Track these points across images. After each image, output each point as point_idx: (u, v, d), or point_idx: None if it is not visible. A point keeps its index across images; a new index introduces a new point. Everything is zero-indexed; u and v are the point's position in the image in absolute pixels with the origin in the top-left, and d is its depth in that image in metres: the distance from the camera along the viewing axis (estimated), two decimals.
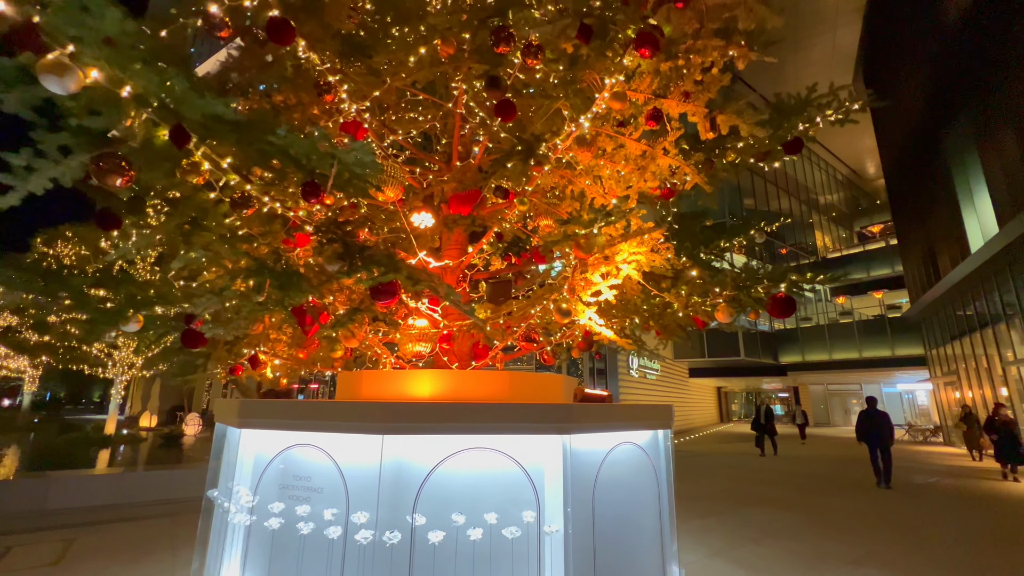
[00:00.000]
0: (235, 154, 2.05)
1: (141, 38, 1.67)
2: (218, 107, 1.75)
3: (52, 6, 1.61)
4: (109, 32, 1.57)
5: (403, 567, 2.22)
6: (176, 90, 1.77)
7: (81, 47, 1.69)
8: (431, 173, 4.01)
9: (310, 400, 3.01)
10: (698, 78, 2.56)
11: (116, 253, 2.40)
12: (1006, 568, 4.83)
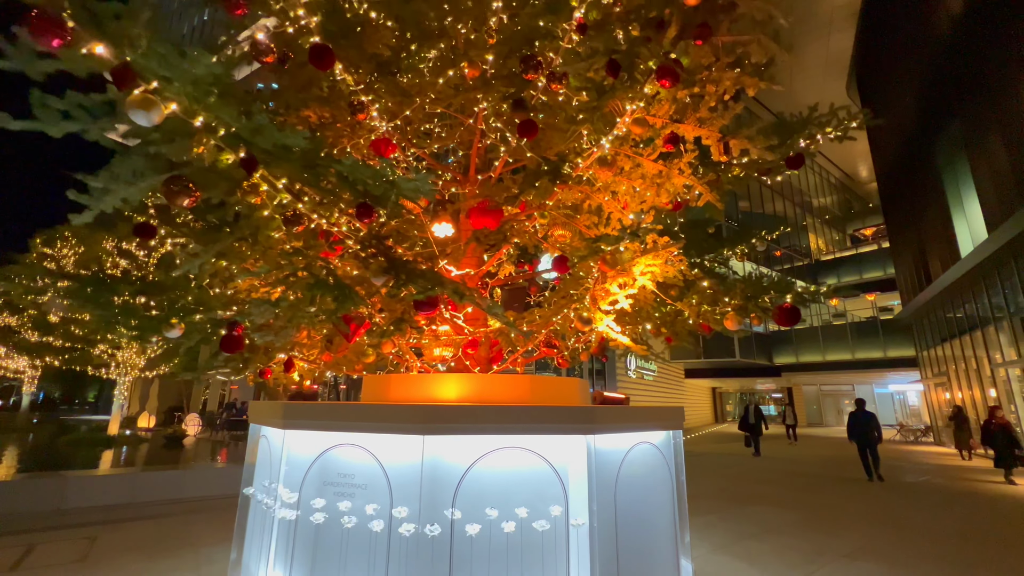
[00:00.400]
0: (289, 175, 2.22)
1: (218, 75, 1.85)
2: (292, 139, 1.93)
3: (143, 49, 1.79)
4: (199, 74, 1.75)
5: (444, 557, 2.41)
6: (250, 122, 1.94)
7: (166, 85, 1.87)
8: (453, 185, 4.20)
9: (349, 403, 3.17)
10: (712, 104, 2.77)
11: (183, 268, 2.55)
12: (994, 562, 5.08)
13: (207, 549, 5.22)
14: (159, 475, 7.55)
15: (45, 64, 1.86)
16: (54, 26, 1.63)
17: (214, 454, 12.10)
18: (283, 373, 4.13)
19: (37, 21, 1.60)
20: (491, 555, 2.50)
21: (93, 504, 6.86)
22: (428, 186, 1.98)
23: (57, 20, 1.62)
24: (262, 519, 3.02)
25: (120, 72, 1.72)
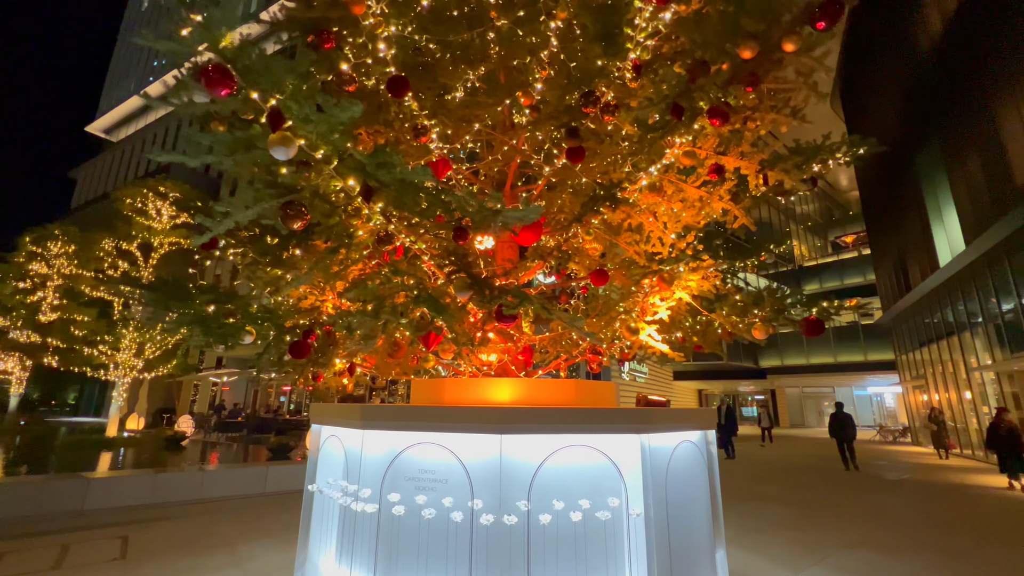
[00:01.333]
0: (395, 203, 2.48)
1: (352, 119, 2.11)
2: (416, 175, 2.19)
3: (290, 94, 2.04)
4: (339, 119, 2.01)
5: (521, 544, 2.69)
6: (374, 157, 2.20)
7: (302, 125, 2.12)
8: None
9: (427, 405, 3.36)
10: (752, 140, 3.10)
11: (292, 282, 2.78)
12: (975, 548, 5.55)
13: (243, 547, 5.38)
14: (180, 476, 7.64)
15: (198, 106, 2.10)
16: (226, 78, 1.87)
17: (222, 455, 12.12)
18: (331, 377, 4.37)
19: (213, 74, 1.84)
20: (559, 542, 2.79)
21: (115, 505, 6.93)
22: (535, 215, 2.26)
23: (228, 74, 1.87)
24: (336, 513, 3.25)
25: (274, 115, 1.97)
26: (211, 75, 1.85)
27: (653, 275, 3.10)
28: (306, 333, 3.37)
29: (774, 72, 2.75)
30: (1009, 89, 10.80)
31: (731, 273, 4.81)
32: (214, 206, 2.39)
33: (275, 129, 1.97)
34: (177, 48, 1.88)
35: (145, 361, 14.18)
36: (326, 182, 2.45)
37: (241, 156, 2.24)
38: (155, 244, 14.54)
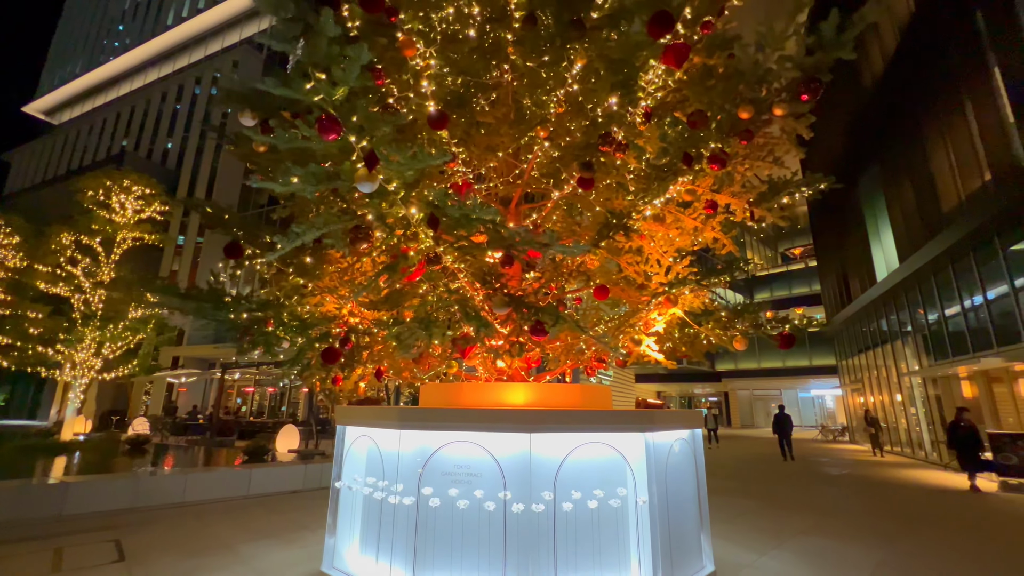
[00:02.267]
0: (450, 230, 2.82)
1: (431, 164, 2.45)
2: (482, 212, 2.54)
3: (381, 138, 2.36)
4: (423, 165, 2.35)
5: (548, 528, 3.09)
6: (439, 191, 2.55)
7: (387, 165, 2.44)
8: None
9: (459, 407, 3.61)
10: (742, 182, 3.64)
11: (352, 295, 3.05)
12: (905, 532, 6.40)
13: (244, 547, 5.47)
14: (163, 479, 7.53)
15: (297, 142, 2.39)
16: (335, 126, 2.17)
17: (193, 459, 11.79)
18: (346, 382, 4.62)
19: (326, 122, 2.14)
20: (578, 527, 3.21)
21: (95, 510, 6.79)
22: (582, 251, 2.66)
23: (337, 122, 2.17)
24: (362, 507, 3.54)
25: (370, 157, 2.29)
26: (324, 123, 2.15)
27: (661, 295, 3.58)
28: (343, 341, 3.63)
29: (764, 129, 3.29)
30: (938, 126, 12.18)
31: (715, 291, 5.41)
32: (293, 228, 2.66)
33: (371, 168, 2.29)
34: (295, 96, 2.17)
35: (104, 361, 13.57)
36: (390, 210, 2.76)
37: (324, 185, 2.53)
38: (118, 239, 13.94)
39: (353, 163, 2.36)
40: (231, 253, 4.09)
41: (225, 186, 27.68)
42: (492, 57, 3.61)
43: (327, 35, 2.05)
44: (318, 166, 2.41)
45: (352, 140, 2.28)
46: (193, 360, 24.80)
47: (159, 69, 37.81)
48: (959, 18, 10.85)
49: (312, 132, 2.19)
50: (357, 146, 2.33)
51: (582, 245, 2.60)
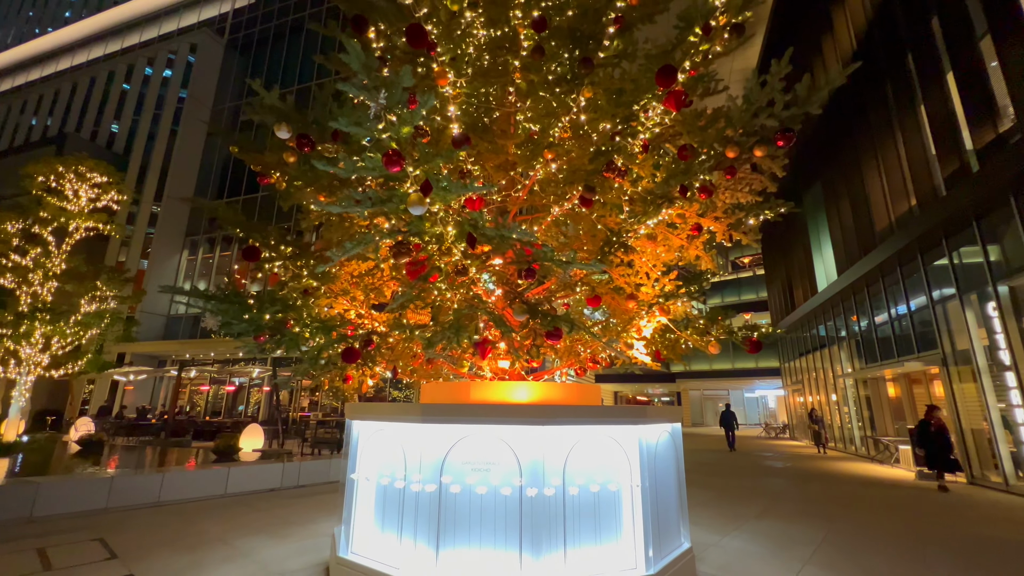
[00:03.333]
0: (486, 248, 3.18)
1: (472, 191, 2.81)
2: (513, 232, 2.92)
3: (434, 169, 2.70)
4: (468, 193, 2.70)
5: (559, 508, 3.51)
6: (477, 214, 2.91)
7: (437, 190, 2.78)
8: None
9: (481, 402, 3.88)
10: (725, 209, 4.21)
11: (395, 303, 3.34)
12: (843, 514, 7.29)
13: (239, 542, 5.56)
14: (138, 479, 7.36)
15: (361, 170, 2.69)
16: (399, 160, 2.49)
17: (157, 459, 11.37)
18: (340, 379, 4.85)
19: (392, 157, 2.46)
20: (582, 508, 3.65)
21: (68, 511, 6.60)
22: (597, 268, 3.08)
23: (401, 156, 2.50)
24: (391, 497, 3.84)
25: (426, 185, 2.62)
26: (391, 157, 2.46)
27: (655, 306, 4.09)
28: (365, 342, 3.91)
29: (745, 166, 3.86)
30: (874, 154, 13.59)
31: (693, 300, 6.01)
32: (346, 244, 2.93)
33: (426, 194, 2.63)
34: (365, 133, 2.47)
35: (52, 357, 12.82)
36: (430, 228, 3.10)
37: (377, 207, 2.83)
38: (70, 228, 13.20)
39: (407, 189, 2.68)
40: (249, 256, 4.27)
41: (180, 175, 26.40)
42: (506, 83, 4.00)
43: (403, 85, 2.37)
44: (374, 190, 2.71)
45: (409, 170, 2.60)
46: (142, 357, 23.53)
47: (105, 45, 35.34)
48: (894, 58, 12.19)
49: (377, 161, 2.49)
50: (412, 175, 2.65)
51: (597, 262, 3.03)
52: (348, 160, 2.54)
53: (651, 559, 3.75)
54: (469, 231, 2.94)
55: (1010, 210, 8.75)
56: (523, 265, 3.24)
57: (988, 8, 8.75)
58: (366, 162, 2.48)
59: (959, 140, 9.68)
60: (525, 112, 4.42)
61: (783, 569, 4.76)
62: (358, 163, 2.50)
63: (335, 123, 2.42)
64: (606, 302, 4.94)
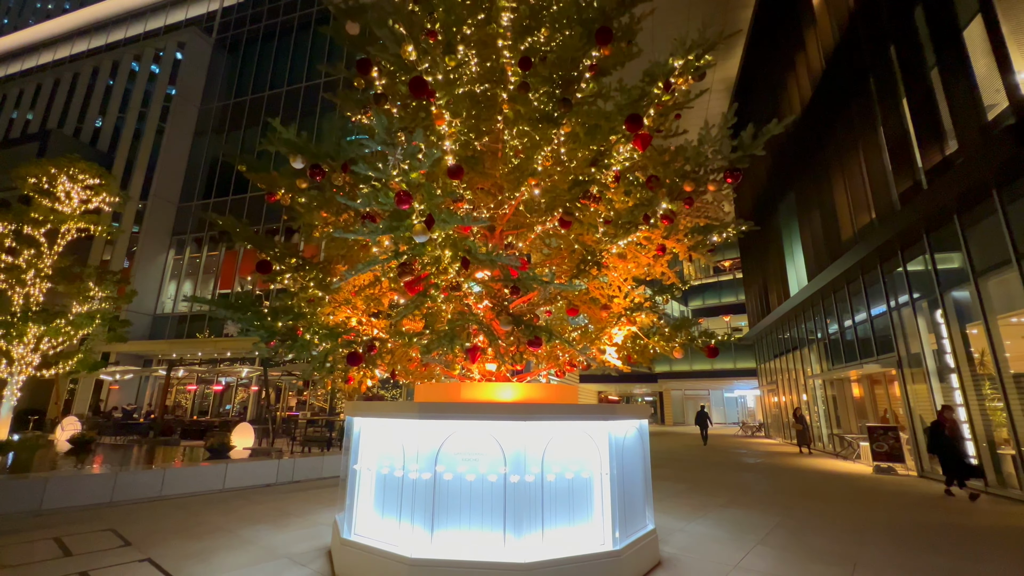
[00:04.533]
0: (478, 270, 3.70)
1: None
2: (502, 259, 3.45)
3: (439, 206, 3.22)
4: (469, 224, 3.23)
5: (538, 493, 4.05)
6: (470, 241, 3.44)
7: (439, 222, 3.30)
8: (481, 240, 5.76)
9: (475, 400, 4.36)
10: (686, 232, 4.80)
11: (399, 314, 3.84)
12: (800, 503, 7.99)
13: (244, 531, 5.99)
14: (141, 475, 7.72)
15: (375, 205, 3.20)
16: (409, 198, 3.01)
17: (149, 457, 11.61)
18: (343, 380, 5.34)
19: (403, 196, 2.98)
20: (558, 493, 4.20)
21: (75, 504, 6.94)
22: (577, 288, 3.63)
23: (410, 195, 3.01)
24: (391, 484, 4.35)
25: (429, 219, 3.15)
26: (401, 196, 2.98)
27: (624, 317, 4.67)
28: (368, 347, 4.41)
29: (701, 196, 4.46)
30: (840, 168, 14.44)
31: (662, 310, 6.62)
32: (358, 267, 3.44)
33: (429, 227, 3.15)
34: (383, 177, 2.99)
35: (43, 357, 12.97)
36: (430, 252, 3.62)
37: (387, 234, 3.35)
38: (62, 230, 13.36)
39: (412, 220, 3.20)
40: (262, 269, 4.73)
41: (166, 174, 26.34)
42: (494, 113, 4.53)
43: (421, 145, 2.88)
44: (387, 221, 3.22)
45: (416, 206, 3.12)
46: (128, 356, 23.47)
47: (89, 40, 34.87)
48: (858, 79, 13.02)
49: (390, 199, 3.00)
50: (417, 210, 3.17)
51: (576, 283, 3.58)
52: (365, 196, 3.04)
53: (617, 539, 4.33)
54: (464, 255, 3.47)
55: (954, 227, 9.57)
56: (509, 283, 3.78)
57: (936, 42, 9.56)
58: (382, 199, 2.98)
59: (913, 160, 10.50)
60: (511, 142, 4.96)
61: (737, 548, 5.39)
62: (374, 200, 3.00)
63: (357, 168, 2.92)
64: (583, 311, 5.51)
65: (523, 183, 4.74)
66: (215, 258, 25.07)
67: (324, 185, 4.26)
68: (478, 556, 3.91)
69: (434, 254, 3.58)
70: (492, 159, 4.72)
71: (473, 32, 4.86)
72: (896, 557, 5.23)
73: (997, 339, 8.69)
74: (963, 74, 8.78)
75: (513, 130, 4.93)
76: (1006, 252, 8.28)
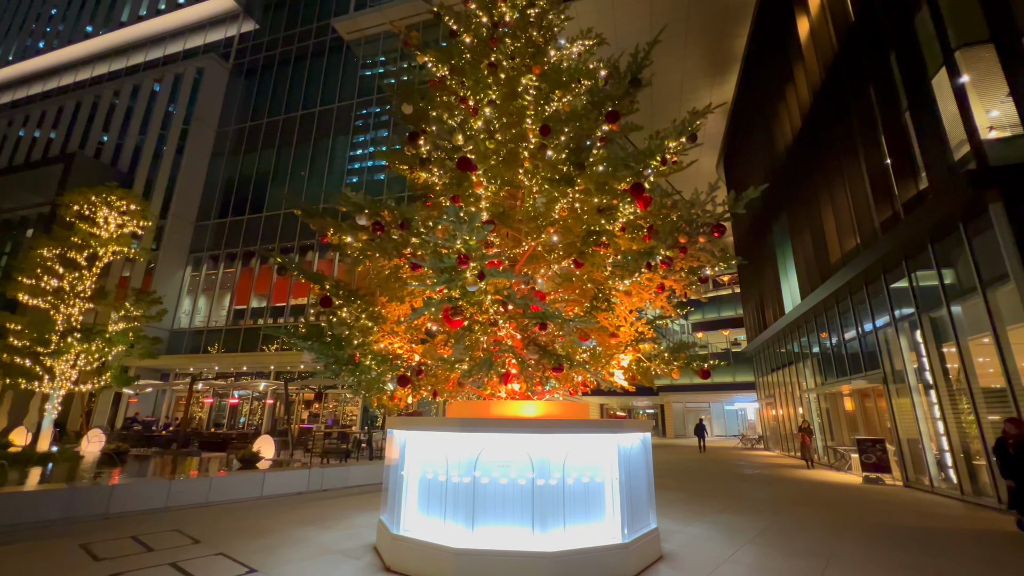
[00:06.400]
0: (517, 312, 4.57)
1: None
2: (536, 302, 4.31)
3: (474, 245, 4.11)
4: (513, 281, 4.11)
5: (560, 494, 4.88)
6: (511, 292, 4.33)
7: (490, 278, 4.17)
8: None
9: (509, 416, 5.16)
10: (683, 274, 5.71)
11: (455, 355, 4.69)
12: (788, 510, 8.76)
13: (294, 531, 6.78)
14: (190, 482, 8.51)
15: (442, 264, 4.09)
16: (468, 260, 3.90)
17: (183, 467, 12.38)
18: (388, 398, 6.18)
19: (463, 258, 3.86)
20: (576, 495, 5.03)
21: (136, 509, 7.72)
22: (590, 323, 4.49)
23: (469, 257, 3.90)
24: (434, 488, 5.17)
25: (481, 274, 4.03)
26: (462, 258, 3.87)
27: (629, 345, 5.54)
28: (416, 371, 5.27)
29: (694, 245, 5.36)
30: (828, 192, 15.39)
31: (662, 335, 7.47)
32: (419, 308, 4.31)
33: (481, 279, 4.03)
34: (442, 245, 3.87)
35: (80, 372, 13.80)
36: (476, 297, 4.50)
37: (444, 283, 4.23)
38: (100, 253, 14.29)
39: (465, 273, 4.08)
40: (325, 304, 5.62)
41: (185, 193, 27.40)
42: (516, 168, 5.46)
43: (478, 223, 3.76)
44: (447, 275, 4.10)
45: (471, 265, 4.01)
46: (147, 370, 24.26)
47: (109, 64, 36.26)
48: (841, 111, 14.03)
49: (452, 261, 3.88)
50: (471, 264, 4.05)
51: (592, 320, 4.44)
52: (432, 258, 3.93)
53: (626, 534, 5.14)
54: (503, 299, 4.35)
55: (927, 255, 10.48)
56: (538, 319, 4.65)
57: (907, 87, 10.56)
58: (446, 261, 3.86)
59: (892, 191, 11.45)
60: (531, 194, 5.88)
61: (728, 546, 6.19)
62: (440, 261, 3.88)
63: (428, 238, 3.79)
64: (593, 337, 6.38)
65: (543, 232, 5.65)
66: (231, 275, 25.99)
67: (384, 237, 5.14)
68: (511, 546, 4.73)
69: (479, 299, 4.45)
70: (512, 205, 5.63)
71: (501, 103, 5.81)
72: (866, 553, 6.02)
73: (968, 358, 9.53)
74: (931, 118, 9.75)
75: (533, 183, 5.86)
76: (973, 280, 9.16)
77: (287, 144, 27.21)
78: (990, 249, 8.79)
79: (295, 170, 26.40)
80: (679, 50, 25.28)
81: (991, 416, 9.13)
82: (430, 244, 3.81)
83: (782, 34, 18.72)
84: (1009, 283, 8.25)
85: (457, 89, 6.09)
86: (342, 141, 25.96)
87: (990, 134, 9.04)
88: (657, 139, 5.18)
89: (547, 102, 5.76)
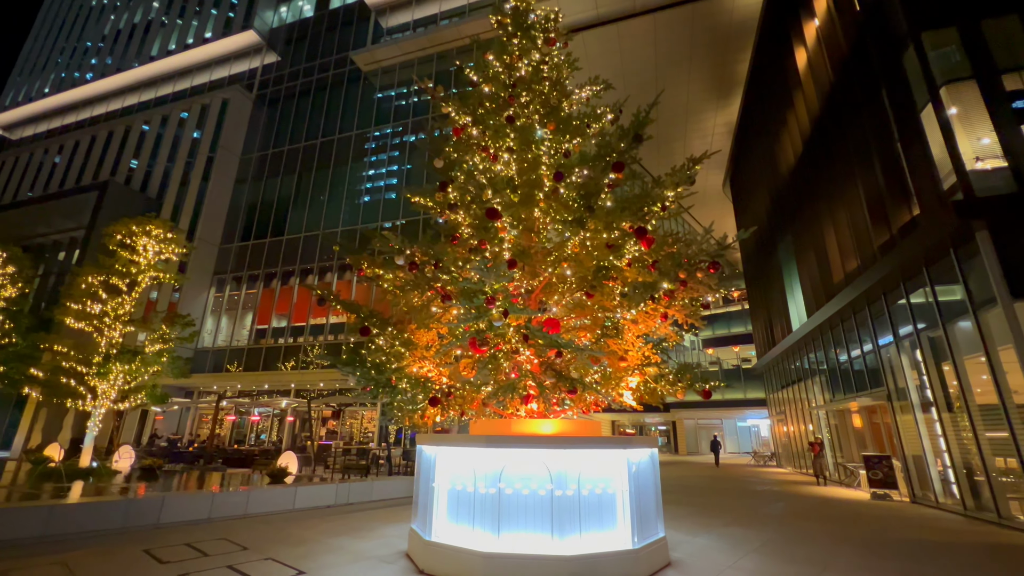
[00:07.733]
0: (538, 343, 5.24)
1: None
2: (556, 338, 4.97)
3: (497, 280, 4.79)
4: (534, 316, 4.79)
5: (576, 503, 5.47)
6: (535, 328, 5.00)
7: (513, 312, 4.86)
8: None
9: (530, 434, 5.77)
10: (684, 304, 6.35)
11: (478, 379, 5.36)
12: (791, 523, 9.17)
13: (330, 540, 7.39)
14: (230, 495, 9.18)
15: (475, 303, 4.79)
16: (494, 301, 4.58)
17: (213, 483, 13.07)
18: (420, 417, 6.83)
19: (491, 299, 4.56)
20: (590, 504, 5.61)
21: (184, 519, 8.39)
22: (602, 353, 5.14)
23: (495, 299, 4.59)
24: (463, 498, 5.79)
25: (505, 312, 4.71)
26: (490, 299, 4.55)
27: (637, 369, 6.16)
28: (446, 394, 5.93)
29: (693, 280, 6.00)
30: (830, 214, 15.93)
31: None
32: (448, 341, 5.00)
33: (505, 316, 4.71)
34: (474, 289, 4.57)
35: (119, 392, 14.65)
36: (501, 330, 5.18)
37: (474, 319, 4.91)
38: (139, 279, 15.27)
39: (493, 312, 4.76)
40: (364, 333, 6.33)
41: (210, 218, 28.65)
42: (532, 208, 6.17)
43: (503, 271, 4.46)
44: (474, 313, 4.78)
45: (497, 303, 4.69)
46: (171, 388, 25.16)
47: (139, 95, 38.26)
48: (838, 138, 14.66)
49: (481, 301, 4.56)
50: (496, 303, 4.73)
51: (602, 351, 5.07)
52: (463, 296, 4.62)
53: (636, 541, 5.69)
54: (525, 333, 5.01)
55: (923, 277, 10.97)
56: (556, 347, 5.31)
57: (898, 119, 11.19)
58: (476, 302, 4.55)
59: (887, 217, 11.99)
60: (545, 233, 6.57)
61: (732, 555, 6.67)
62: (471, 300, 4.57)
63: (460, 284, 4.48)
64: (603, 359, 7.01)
65: (558, 267, 6.34)
66: (252, 295, 27.01)
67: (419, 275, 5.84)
68: (534, 550, 5.31)
69: (503, 331, 5.12)
70: (530, 242, 6.34)
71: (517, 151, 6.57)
72: (860, 561, 6.47)
73: (964, 376, 9.95)
74: (921, 149, 10.35)
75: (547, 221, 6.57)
76: (965, 302, 9.63)
77: (307, 170, 28.44)
78: (980, 273, 9.29)
79: (315, 195, 27.55)
80: (683, 75, 26.24)
81: (988, 433, 9.51)
82: (460, 285, 4.50)
83: (782, 62, 19.51)
84: (998, 306, 8.73)
85: (479, 139, 6.87)
86: (359, 166, 27.11)
87: (977, 164, 9.62)
88: (658, 187, 5.88)
89: (559, 153, 6.51)
